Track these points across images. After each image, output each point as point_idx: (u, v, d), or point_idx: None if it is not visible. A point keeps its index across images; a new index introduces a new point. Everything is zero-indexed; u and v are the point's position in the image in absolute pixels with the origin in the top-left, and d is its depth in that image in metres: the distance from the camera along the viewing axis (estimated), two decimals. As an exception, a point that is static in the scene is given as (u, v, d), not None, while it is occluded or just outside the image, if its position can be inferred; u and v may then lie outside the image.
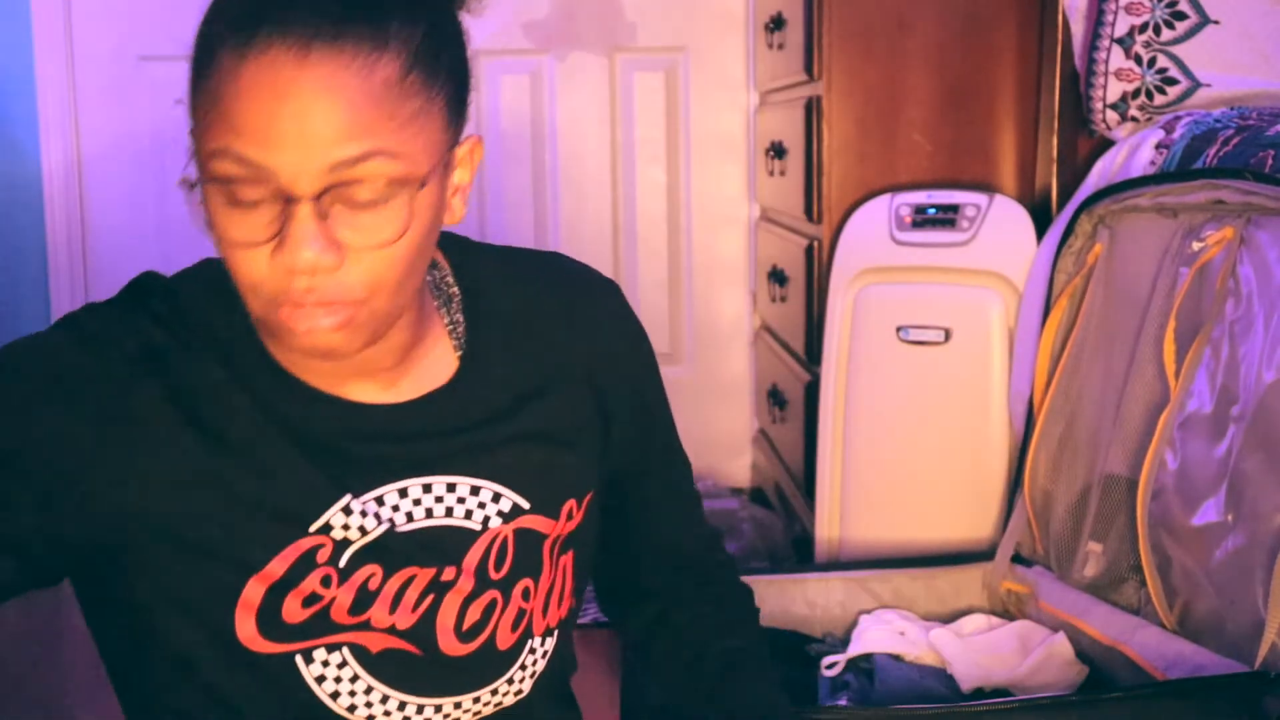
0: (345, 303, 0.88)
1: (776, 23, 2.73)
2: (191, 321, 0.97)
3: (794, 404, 2.63)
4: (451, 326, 1.04)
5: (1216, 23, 1.99)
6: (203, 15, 0.90)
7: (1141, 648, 1.62)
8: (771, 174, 2.85)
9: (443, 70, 0.90)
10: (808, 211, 2.47)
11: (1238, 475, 1.50)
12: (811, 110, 2.42)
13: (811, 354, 2.48)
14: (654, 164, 3.37)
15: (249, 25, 0.85)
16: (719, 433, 3.33)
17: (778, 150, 2.73)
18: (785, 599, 1.95)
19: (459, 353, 1.03)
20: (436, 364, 1.02)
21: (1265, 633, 1.41)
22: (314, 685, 0.97)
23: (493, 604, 1.02)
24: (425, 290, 1.03)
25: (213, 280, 0.98)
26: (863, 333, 2.23)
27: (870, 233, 2.26)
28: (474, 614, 1.01)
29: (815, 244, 2.44)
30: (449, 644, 1.00)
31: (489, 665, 1.03)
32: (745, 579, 2.00)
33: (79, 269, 3.34)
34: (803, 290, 2.52)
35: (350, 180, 0.85)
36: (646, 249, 3.39)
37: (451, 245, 1.08)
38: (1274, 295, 1.50)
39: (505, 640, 1.03)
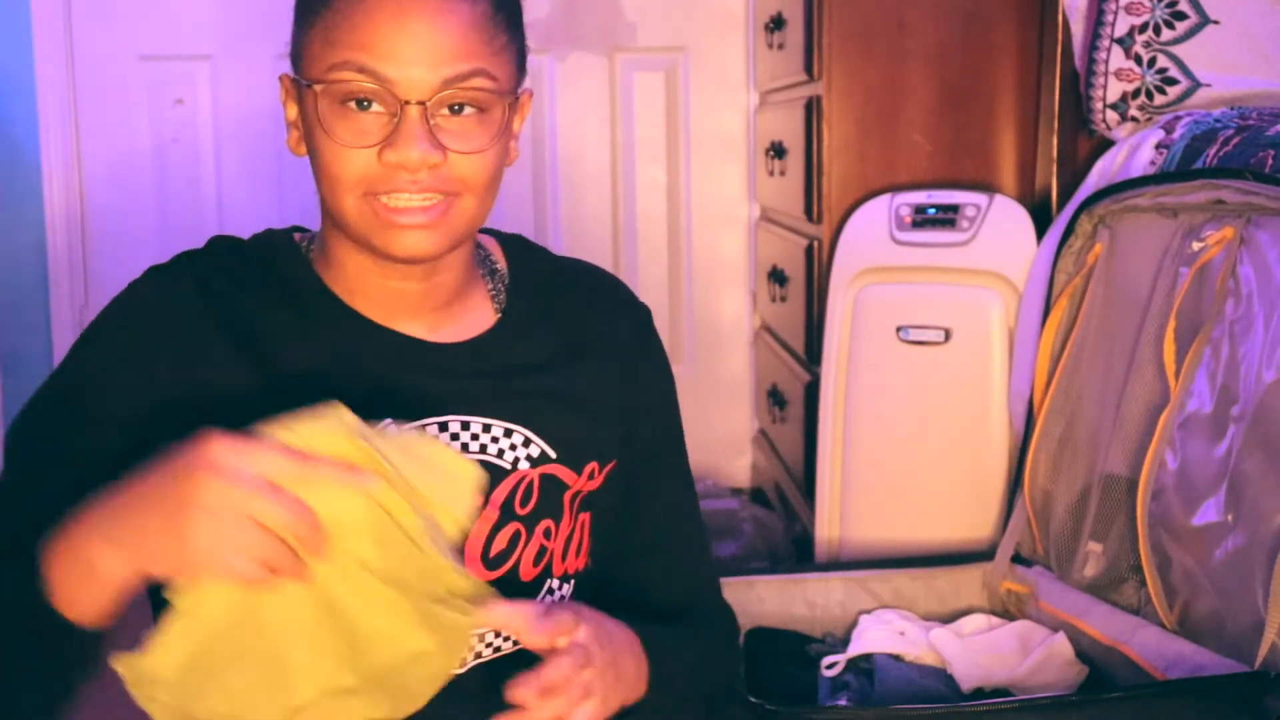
0: (442, 193, 1.01)
1: (776, 23, 2.73)
2: (252, 264, 1.09)
3: (794, 404, 2.63)
4: (494, 293, 1.15)
5: (1216, 23, 1.99)
6: None
7: (1141, 648, 1.62)
8: (771, 174, 2.85)
9: (516, 24, 1.05)
10: (808, 211, 2.47)
11: (1238, 475, 1.50)
12: (811, 110, 2.42)
13: (811, 354, 2.48)
14: (654, 164, 3.37)
15: None
16: (719, 433, 3.33)
17: (778, 150, 2.73)
18: (785, 599, 1.96)
19: (495, 301, 1.14)
20: (479, 320, 1.13)
21: (1265, 633, 1.42)
22: None
23: (516, 535, 1.09)
24: (473, 258, 1.14)
25: (274, 236, 1.12)
26: (863, 333, 2.23)
27: (870, 233, 2.26)
28: (500, 543, 1.08)
29: (815, 244, 2.44)
30: (476, 571, 1.06)
31: (511, 596, 1.06)
32: (745, 579, 2.00)
33: (79, 269, 3.34)
34: (803, 290, 2.52)
35: (457, 92, 1.00)
36: (646, 249, 3.39)
37: (510, 240, 1.21)
38: (1274, 295, 1.50)
39: (527, 573, 1.10)
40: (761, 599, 1.94)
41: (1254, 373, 1.50)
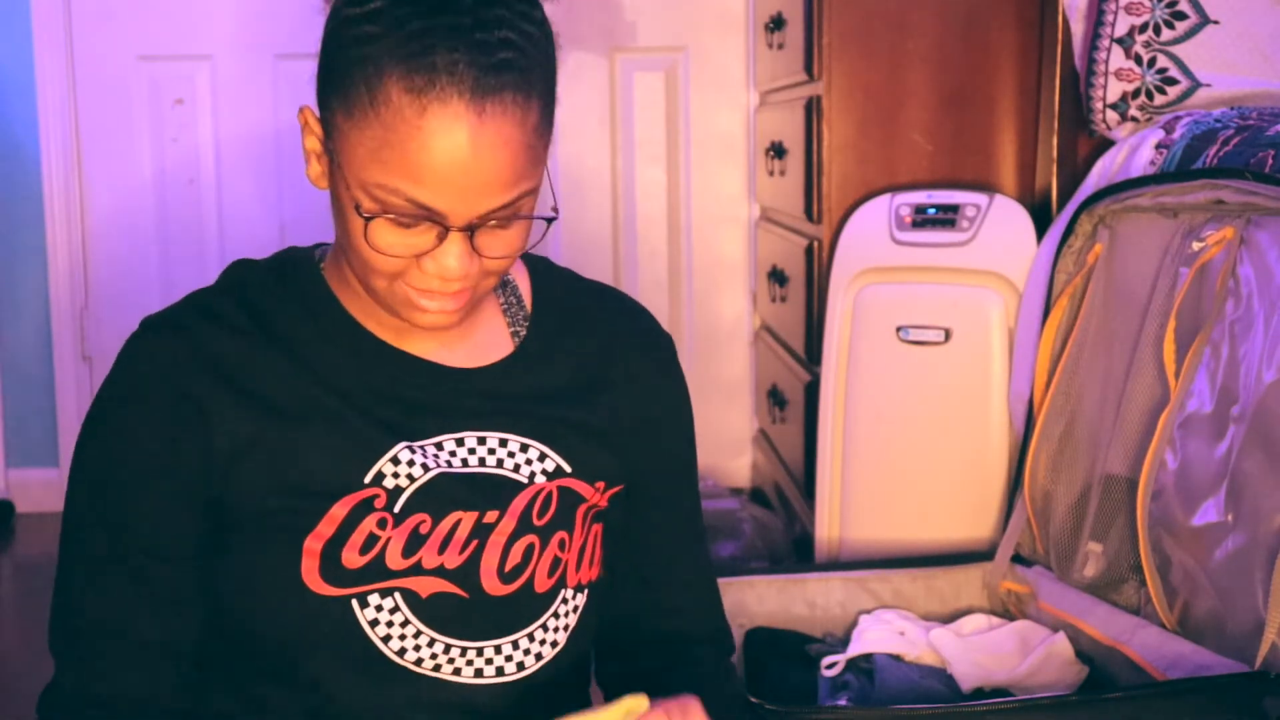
0: (470, 290, 1.02)
1: (776, 23, 2.73)
2: (254, 303, 1.09)
3: (794, 404, 2.63)
4: (506, 307, 1.16)
5: (1216, 23, 1.99)
6: (343, 10, 0.98)
7: (1141, 648, 1.62)
8: (771, 174, 2.85)
9: (554, 106, 1.03)
10: (808, 211, 2.47)
11: (1238, 475, 1.50)
12: (811, 110, 2.42)
13: (811, 354, 2.48)
14: (654, 164, 3.37)
15: (423, 66, 0.94)
16: (719, 433, 3.33)
17: (778, 150, 2.73)
18: (785, 599, 1.95)
19: (512, 330, 1.15)
20: (490, 336, 1.14)
21: (1265, 633, 1.42)
22: (368, 629, 1.04)
23: (531, 548, 1.09)
24: None
25: (295, 256, 1.13)
26: (863, 333, 2.23)
27: (870, 233, 2.26)
28: (515, 556, 1.09)
29: (815, 244, 2.44)
30: (492, 584, 1.08)
31: (527, 607, 1.10)
32: (745, 579, 2.00)
33: (79, 269, 3.34)
34: (803, 290, 2.52)
35: (502, 218, 0.99)
36: (646, 249, 3.39)
37: (535, 262, 1.21)
38: (1274, 295, 1.50)
39: (542, 584, 1.10)
40: (761, 599, 1.94)
41: (1254, 373, 1.50)
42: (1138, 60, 2.03)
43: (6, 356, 3.35)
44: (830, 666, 1.79)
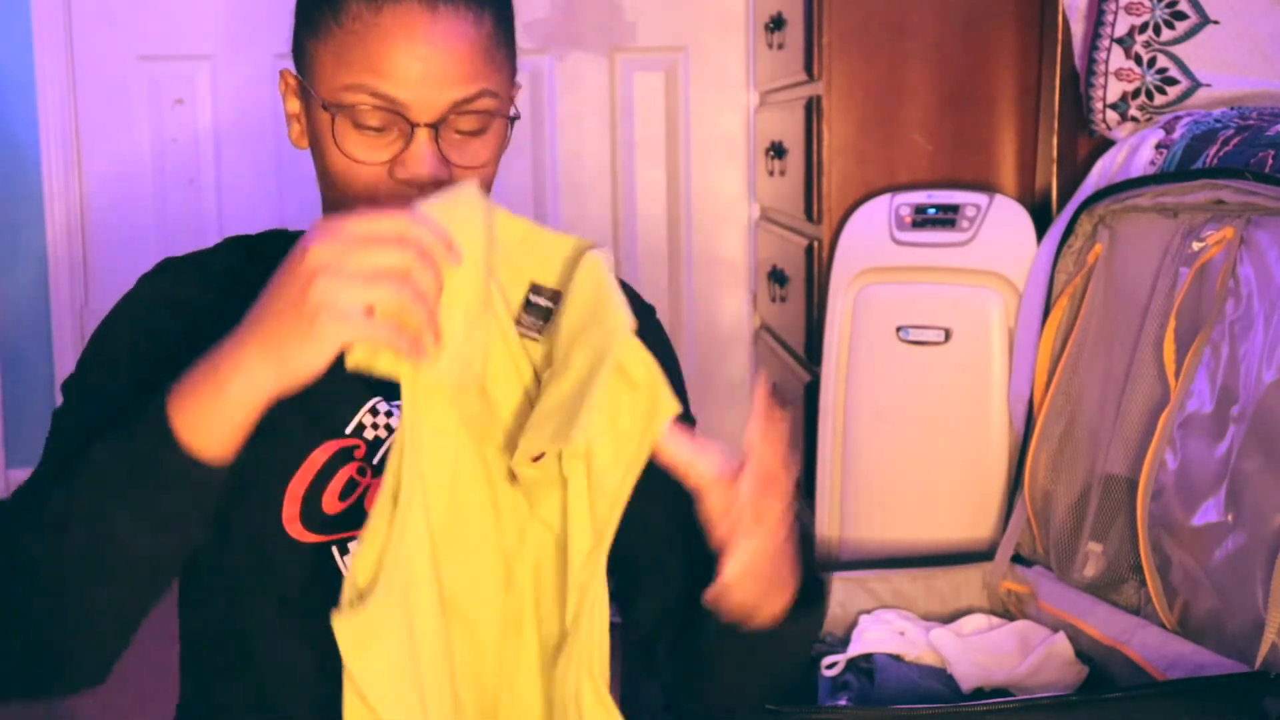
0: None
1: (776, 23, 2.73)
2: (252, 261, 1.11)
3: (794, 404, 2.63)
4: None
5: (1216, 23, 1.99)
6: None
7: (1141, 648, 1.62)
8: (771, 174, 2.85)
9: (512, 35, 1.10)
10: (808, 211, 2.47)
11: (1238, 475, 1.50)
12: (811, 110, 2.42)
13: (811, 354, 2.48)
14: (654, 164, 3.37)
15: None
16: (719, 433, 3.33)
17: (778, 150, 2.73)
18: (785, 599, 1.95)
19: None
20: None
21: (1265, 633, 1.42)
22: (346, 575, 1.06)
23: None
24: None
25: (284, 233, 1.18)
26: (863, 333, 2.23)
27: (870, 233, 2.27)
28: None
29: (815, 244, 2.44)
30: None
31: None
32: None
33: (79, 269, 3.34)
34: (803, 290, 2.52)
35: (463, 114, 1.04)
36: (646, 249, 3.39)
37: None
38: (1274, 295, 1.50)
39: None
40: (761, 599, 1.94)
41: (1254, 373, 1.50)
42: (1138, 60, 2.03)
43: (6, 356, 3.35)
44: (830, 666, 1.79)
